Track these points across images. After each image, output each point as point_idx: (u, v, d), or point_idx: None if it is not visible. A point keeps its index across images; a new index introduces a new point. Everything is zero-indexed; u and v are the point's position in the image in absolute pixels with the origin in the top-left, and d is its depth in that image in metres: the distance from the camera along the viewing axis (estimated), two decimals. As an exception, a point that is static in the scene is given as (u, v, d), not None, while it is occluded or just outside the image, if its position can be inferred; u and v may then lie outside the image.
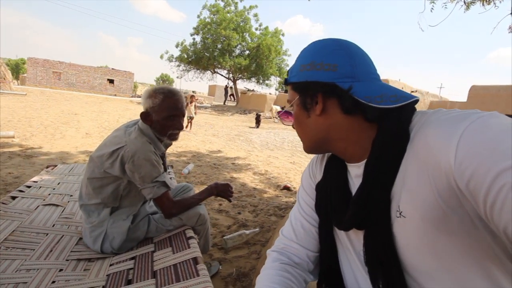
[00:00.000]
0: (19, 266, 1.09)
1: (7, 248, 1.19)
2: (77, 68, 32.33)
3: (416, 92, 14.09)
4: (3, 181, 3.04)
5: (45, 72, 30.43)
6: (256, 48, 21.51)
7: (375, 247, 0.52)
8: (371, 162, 0.51)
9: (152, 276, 1.04)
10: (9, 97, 12.86)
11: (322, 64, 0.55)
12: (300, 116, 0.61)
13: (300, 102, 0.59)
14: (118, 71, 35.00)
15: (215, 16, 21.33)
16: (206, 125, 10.96)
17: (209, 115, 15.91)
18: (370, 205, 0.51)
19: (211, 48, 21.75)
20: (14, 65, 62.92)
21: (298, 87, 0.60)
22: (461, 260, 0.43)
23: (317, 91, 0.55)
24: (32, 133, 5.87)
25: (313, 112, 0.57)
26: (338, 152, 0.60)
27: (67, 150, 4.79)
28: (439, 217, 0.42)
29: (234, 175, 4.42)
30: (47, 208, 1.63)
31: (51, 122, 7.52)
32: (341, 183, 0.60)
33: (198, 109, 13.02)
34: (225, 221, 2.72)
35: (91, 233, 1.31)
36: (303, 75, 0.57)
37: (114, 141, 1.32)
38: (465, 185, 0.38)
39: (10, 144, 4.67)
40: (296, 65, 0.60)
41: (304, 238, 0.68)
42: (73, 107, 11.85)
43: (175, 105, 1.33)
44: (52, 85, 29.59)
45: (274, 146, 7.52)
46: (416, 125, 0.49)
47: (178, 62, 23.39)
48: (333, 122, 0.56)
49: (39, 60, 30.35)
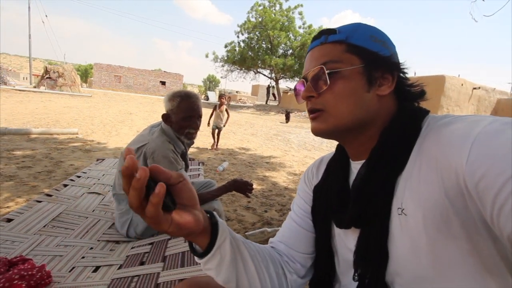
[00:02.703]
0: (59, 242, 1.31)
1: (53, 227, 1.43)
2: (134, 71, 35.50)
3: (480, 89, 12.58)
4: (65, 171, 3.55)
5: (108, 75, 34.02)
6: (300, 47, 21.27)
7: (368, 243, 0.51)
8: (378, 150, 0.51)
9: (162, 260, 1.17)
10: (77, 98, 14.71)
11: (388, 47, 0.53)
12: (358, 88, 0.51)
13: (363, 72, 0.51)
14: (169, 74, 37.53)
15: (261, 17, 21.60)
16: (246, 124, 11.22)
17: (251, 115, 16.21)
18: (372, 196, 0.49)
19: (256, 48, 22.10)
20: (84, 70, 71.35)
21: (367, 54, 0.52)
22: (457, 267, 0.42)
23: (394, 69, 0.53)
24: (93, 130, 6.66)
25: (376, 89, 0.52)
26: (356, 142, 0.56)
27: (120, 146, 5.34)
28: (442, 217, 0.41)
29: (267, 174, 4.49)
30: (90, 195, 1.89)
31: (109, 120, 8.42)
32: (342, 181, 0.59)
33: (240, 109, 13.35)
34: (251, 218, 2.81)
35: (120, 219, 1.50)
36: (377, 46, 0.52)
37: (140, 139, 1.49)
38: (475, 186, 0.37)
39: (74, 140, 5.38)
40: (362, 31, 0.53)
41: (289, 238, 0.68)
42: (129, 107, 13.08)
43: (191, 107, 1.45)
44: (113, 87, 32.95)
45: (312, 146, 7.41)
46: (427, 126, 0.48)
47: (223, 62, 24.22)
48: (385, 107, 0.53)
49: (103, 65, 34.04)
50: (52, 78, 16.63)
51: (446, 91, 11.57)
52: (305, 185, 0.73)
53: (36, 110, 8.90)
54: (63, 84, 16.77)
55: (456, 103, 11.95)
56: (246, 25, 22.23)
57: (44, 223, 1.44)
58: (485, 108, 12.84)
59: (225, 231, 0.51)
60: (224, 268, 0.51)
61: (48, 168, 3.57)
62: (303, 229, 0.68)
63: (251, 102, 26.71)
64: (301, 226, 0.68)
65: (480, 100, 12.81)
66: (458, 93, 12.02)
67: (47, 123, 6.79)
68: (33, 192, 2.83)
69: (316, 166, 0.72)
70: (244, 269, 0.54)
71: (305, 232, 0.68)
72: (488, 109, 12.85)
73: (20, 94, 13.22)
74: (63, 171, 3.55)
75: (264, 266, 0.59)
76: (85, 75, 65.78)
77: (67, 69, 17.72)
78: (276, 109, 19.63)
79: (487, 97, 13.03)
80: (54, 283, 1.04)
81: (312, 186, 0.69)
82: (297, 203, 0.72)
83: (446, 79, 11.58)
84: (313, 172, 0.72)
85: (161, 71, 38.62)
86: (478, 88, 12.58)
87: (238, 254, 0.53)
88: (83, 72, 68.12)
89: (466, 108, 12.14)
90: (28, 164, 3.64)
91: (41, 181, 3.13)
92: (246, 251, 0.56)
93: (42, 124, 6.64)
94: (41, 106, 10.07)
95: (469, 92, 12.44)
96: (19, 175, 3.24)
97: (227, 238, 0.51)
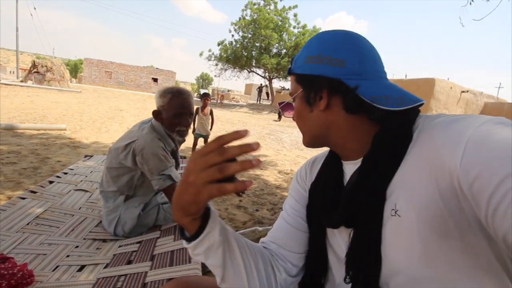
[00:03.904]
0: (43, 240, 1.27)
1: (37, 225, 1.39)
2: (125, 67, 34.98)
3: (468, 92, 12.87)
4: (52, 168, 3.46)
5: (98, 71, 33.42)
6: (294, 47, 21.34)
7: (360, 246, 0.51)
8: (370, 157, 0.51)
9: (150, 259, 1.14)
10: (66, 94, 14.39)
11: (329, 58, 0.53)
12: (302, 110, 0.59)
13: (303, 96, 0.57)
14: (161, 71, 37.13)
15: (256, 15, 21.55)
16: (239, 123, 11.19)
17: (244, 114, 16.19)
18: (364, 201, 0.49)
19: (249, 47, 22.06)
20: (74, 65, 69.92)
21: (302, 80, 0.57)
22: (451, 267, 0.42)
23: (323, 87, 0.54)
24: (82, 126, 6.52)
25: (316, 107, 0.56)
26: (337, 148, 0.59)
27: (109, 143, 5.25)
28: (436, 217, 0.41)
29: (258, 172, 4.48)
30: (77, 192, 1.84)
31: (99, 117, 8.27)
32: (335, 179, 0.60)
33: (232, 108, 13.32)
34: (242, 217, 2.79)
35: (107, 216, 1.46)
36: (309, 67, 0.55)
37: (129, 135, 1.46)
38: (469, 186, 0.37)
39: (62, 136, 5.26)
40: (302, 56, 0.57)
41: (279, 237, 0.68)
42: (120, 104, 12.88)
43: (181, 104, 1.42)
44: (104, 83, 32.40)
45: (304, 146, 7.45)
46: (419, 126, 0.48)
47: (217, 61, 24.10)
48: (335, 119, 0.55)
49: (94, 60, 33.42)
50: (40, 72, 16.22)
51: (435, 93, 11.82)
52: (297, 184, 0.72)
53: (23, 105, 8.66)
54: (52, 79, 16.38)
55: (445, 106, 12.21)
56: (241, 22, 22.15)
57: (27, 221, 1.39)
58: (472, 111, 13.17)
59: (216, 219, 0.52)
60: (211, 254, 0.52)
61: (34, 165, 3.47)
62: (294, 228, 0.68)
63: (244, 101, 26.68)
64: (292, 226, 0.68)
65: (468, 103, 13.12)
66: (447, 96, 12.28)
67: (34, 118, 6.61)
68: (18, 188, 2.75)
69: (309, 165, 0.72)
70: (231, 259, 0.55)
71: (297, 232, 0.67)
72: (476, 113, 13.18)
73: (6, 88, 12.85)
74: (50, 167, 3.46)
75: (252, 260, 0.59)
76: (74, 70, 64.48)
77: (56, 63, 17.32)
78: (269, 109, 19.66)
79: (474, 101, 13.34)
80: (36, 283, 1.00)
81: (306, 184, 0.69)
82: (289, 202, 0.72)
83: (436, 82, 11.82)
84: (306, 170, 0.72)
85: (153, 67, 38.24)
86: (466, 92, 12.88)
87: (226, 243, 0.54)
88: (73, 67, 66.72)
89: (454, 111, 12.42)
90: (13, 160, 3.53)
91: (27, 178, 3.04)
92: (234, 242, 0.56)
93: (29, 119, 6.47)
94: (27, 101, 9.81)
95: (457, 95, 12.73)
96: (3, 171, 3.14)
97: (217, 226, 0.51)
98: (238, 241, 0.58)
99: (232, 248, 0.55)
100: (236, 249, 0.56)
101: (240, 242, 0.58)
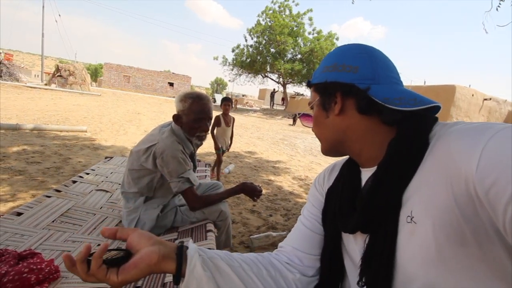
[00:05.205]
0: (67, 237, 1.32)
1: (62, 222, 1.44)
2: (143, 72, 35.95)
3: (491, 100, 12.39)
4: (73, 168, 3.59)
5: (117, 75, 34.51)
6: (309, 52, 21.30)
7: (375, 252, 0.51)
8: (385, 163, 0.51)
9: (169, 260, 1.16)
10: (87, 97, 14.93)
11: (344, 66, 0.56)
12: (319, 117, 0.61)
13: (320, 103, 0.61)
14: (177, 75, 37.91)
15: (271, 21, 21.70)
16: (252, 127, 11.23)
17: (257, 118, 16.24)
18: (379, 207, 0.50)
19: (264, 52, 22.20)
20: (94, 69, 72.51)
21: (318, 88, 0.61)
22: (468, 276, 0.41)
23: (336, 91, 0.56)
24: (102, 128, 6.74)
25: (331, 112, 0.58)
26: (354, 154, 0.60)
27: (127, 145, 5.39)
28: (452, 224, 0.41)
29: (272, 178, 4.48)
30: (98, 192, 1.90)
31: (117, 120, 8.52)
32: (353, 185, 0.60)
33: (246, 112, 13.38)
34: (256, 222, 2.80)
35: (127, 217, 1.51)
36: (324, 76, 0.59)
37: (150, 138, 1.50)
38: (485, 193, 0.36)
39: (82, 138, 5.45)
40: (320, 68, 0.62)
41: (295, 240, 0.70)
42: (137, 107, 13.22)
43: (202, 109, 1.45)
44: (122, 87, 33.39)
45: (317, 152, 7.38)
46: (436, 134, 0.48)
47: (232, 66, 24.37)
48: (351, 122, 0.56)
49: (113, 65, 34.55)
50: (63, 76, 16.90)
51: (456, 101, 11.45)
52: (315, 189, 0.74)
53: (47, 107, 9.04)
54: (74, 83, 17.04)
55: (466, 114, 11.80)
56: (256, 28, 22.35)
57: (52, 218, 1.45)
58: (495, 120, 12.66)
59: (193, 257, 0.52)
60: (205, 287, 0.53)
61: (56, 164, 3.61)
62: (310, 230, 0.70)
63: (257, 106, 26.79)
64: (308, 228, 0.70)
65: (491, 111, 12.64)
66: (469, 103, 11.87)
67: (57, 120, 6.89)
68: (42, 187, 2.87)
69: (328, 171, 0.73)
70: (227, 284, 0.56)
71: (313, 234, 0.70)
72: (499, 121, 12.62)
73: (32, 91, 13.47)
74: (71, 167, 3.59)
75: (254, 274, 0.60)
76: (95, 74, 66.79)
77: (77, 67, 18.01)
78: (283, 114, 19.64)
79: (498, 109, 12.84)
80: (61, 278, 1.04)
81: (323, 189, 0.71)
82: (307, 207, 0.74)
83: (457, 89, 11.45)
84: (324, 176, 0.73)
85: (169, 72, 39.04)
86: (489, 99, 12.41)
87: (216, 272, 0.55)
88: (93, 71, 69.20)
89: (476, 119, 11.98)
90: (37, 160, 3.69)
91: (50, 177, 3.18)
92: (227, 267, 0.57)
93: (52, 121, 6.75)
94: (51, 103, 10.24)
95: (479, 103, 12.28)
96: (29, 170, 3.28)
97: (197, 263, 0.52)
98: (231, 263, 0.59)
99: (225, 274, 0.56)
100: (231, 272, 0.57)
101: (234, 262, 0.60)
